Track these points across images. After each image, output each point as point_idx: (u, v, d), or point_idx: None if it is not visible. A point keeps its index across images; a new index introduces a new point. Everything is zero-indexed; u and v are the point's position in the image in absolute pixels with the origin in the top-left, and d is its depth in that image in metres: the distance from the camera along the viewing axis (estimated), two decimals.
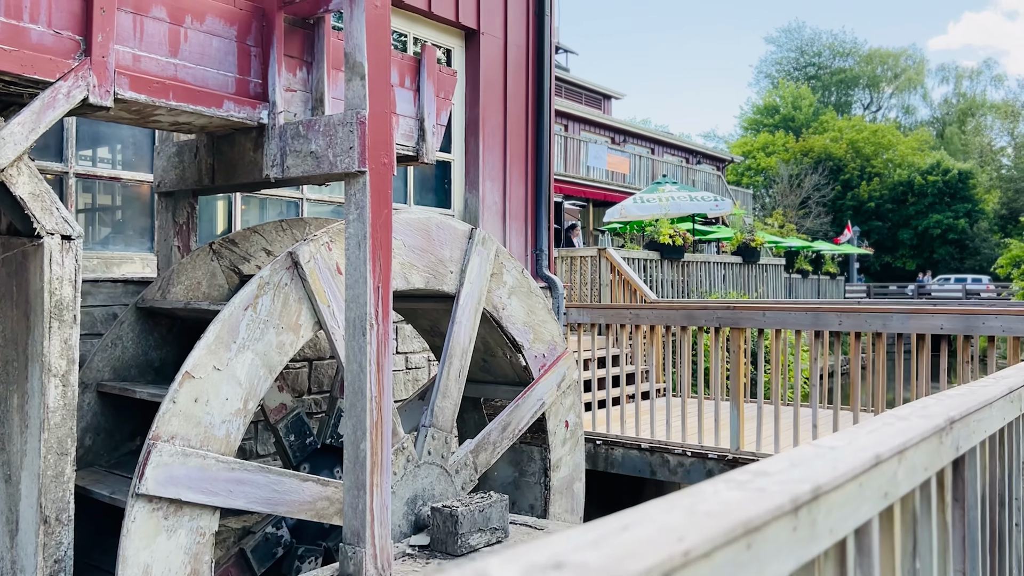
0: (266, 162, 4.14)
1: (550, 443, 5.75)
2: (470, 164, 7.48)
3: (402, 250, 4.65)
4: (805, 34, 72.49)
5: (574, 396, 5.94)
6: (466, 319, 5.02)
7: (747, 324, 7.23)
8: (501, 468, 6.01)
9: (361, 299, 3.85)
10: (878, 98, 72.57)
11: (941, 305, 7.51)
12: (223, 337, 3.80)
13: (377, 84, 3.88)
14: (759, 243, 15.03)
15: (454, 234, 5.00)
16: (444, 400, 4.89)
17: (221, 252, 4.76)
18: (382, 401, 3.92)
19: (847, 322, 6.69)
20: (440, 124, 5.13)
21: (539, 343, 5.63)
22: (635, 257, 12.47)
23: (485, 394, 5.95)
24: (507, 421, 5.33)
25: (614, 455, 7.98)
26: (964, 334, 6.16)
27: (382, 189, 3.90)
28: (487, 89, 7.53)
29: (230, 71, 4.02)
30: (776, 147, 57.36)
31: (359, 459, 3.88)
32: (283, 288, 4.04)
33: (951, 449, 2.31)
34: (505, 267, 5.38)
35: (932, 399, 2.58)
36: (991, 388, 2.91)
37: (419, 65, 4.95)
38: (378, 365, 3.90)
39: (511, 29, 7.77)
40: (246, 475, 3.88)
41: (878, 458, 1.74)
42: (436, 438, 4.83)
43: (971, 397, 2.64)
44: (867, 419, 2.62)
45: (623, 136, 32.93)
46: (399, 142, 4.85)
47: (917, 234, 51.92)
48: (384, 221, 3.91)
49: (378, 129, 3.88)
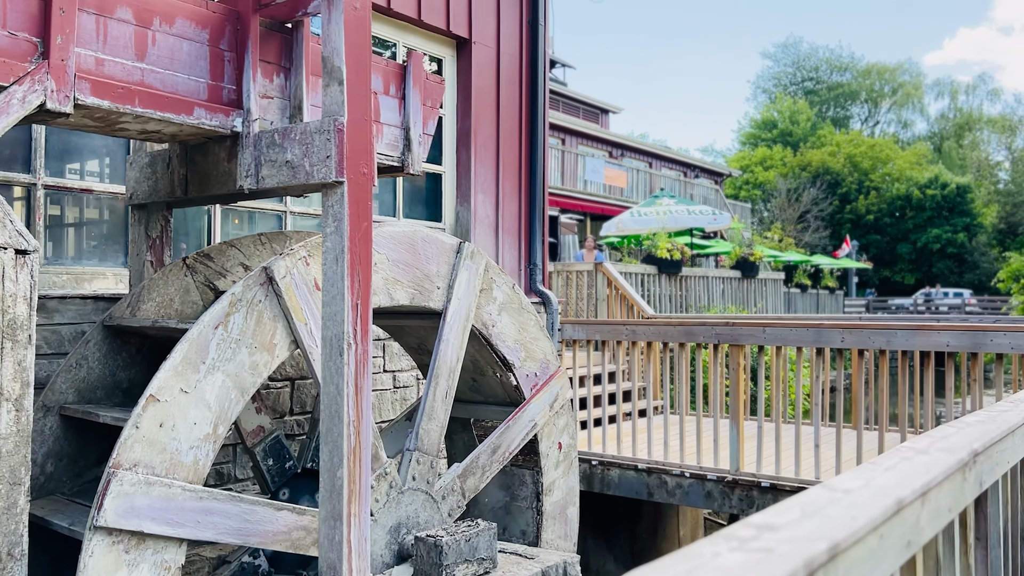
0: (240, 172, 3.93)
1: (542, 466, 5.51)
2: (462, 176, 7.28)
3: (385, 265, 4.44)
4: (802, 49, 72.64)
5: (567, 416, 5.71)
6: (454, 337, 4.80)
7: (747, 341, 7.01)
8: (492, 492, 5.77)
9: (338, 317, 3.64)
10: (876, 113, 72.65)
11: (945, 322, 7.29)
12: (191, 358, 3.58)
13: (356, 90, 3.67)
14: (758, 257, 14.83)
15: (441, 248, 4.79)
16: (430, 422, 4.66)
17: (195, 267, 4.54)
18: (360, 425, 3.70)
19: (850, 339, 6.48)
20: (427, 134, 4.93)
21: (531, 361, 5.41)
22: (632, 272, 12.27)
23: (475, 415, 5.72)
24: (497, 443, 5.10)
25: (610, 476, 7.74)
26: (971, 351, 5.94)
27: (361, 200, 3.69)
28: (479, 100, 7.34)
29: (202, 76, 3.82)
30: (774, 161, 57.33)
31: (336, 487, 3.65)
32: (257, 305, 3.82)
33: (975, 485, 2.09)
34: (495, 282, 5.16)
35: (951, 427, 2.37)
36: (1011, 413, 2.69)
37: (405, 72, 4.75)
38: (356, 387, 3.68)
39: (504, 39, 7.59)
40: (215, 504, 3.64)
41: (900, 503, 1.52)
42: (421, 462, 4.60)
43: (992, 425, 2.42)
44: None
45: (621, 150, 32.80)
46: (383, 152, 4.64)
47: (916, 248, 51.78)
48: (364, 234, 3.70)
49: (357, 137, 3.68)
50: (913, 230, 52.02)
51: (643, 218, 14.79)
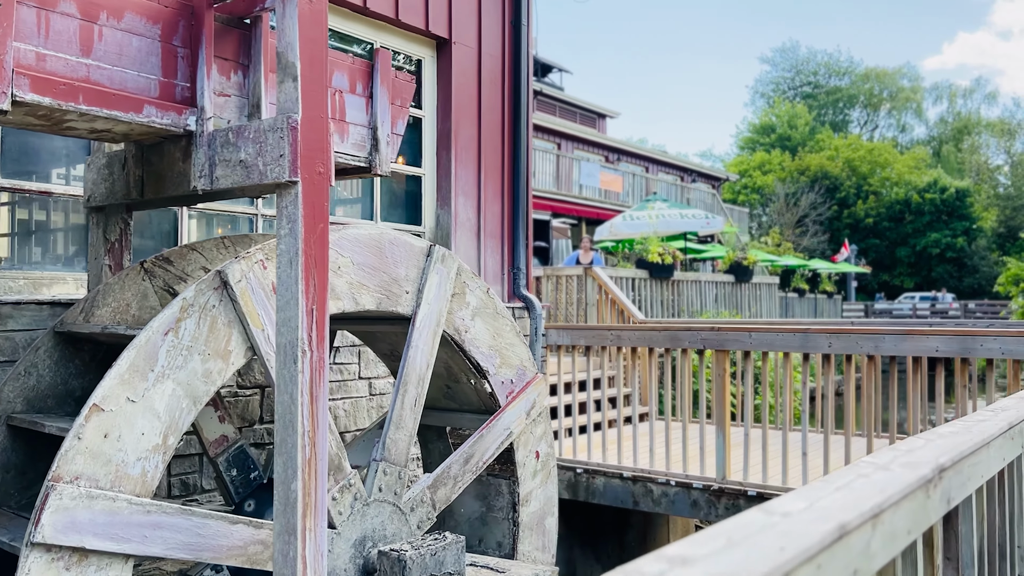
0: (194, 172, 3.79)
1: (519, 475, 5.36)
2: (442, 179, 7.14)
3: (350, 268, 4.29)
4: (800, 54, 72.61)
5: (545, 424, 5.56)
6: (423, 343, 4.65)
7: (732, 346, 6.86)
8: (467, 503, 5.61)
9: (293, 322, 3.49)
10: (874, 117, 72.54)
11: (936, 327, 7.14)
12: (139, 365, 3.43)
13: (311, 86, 3.53)
14: (751, 261, 14.67)
15: (410, 251, 4.64)
16: (398, 432, 4.51)
17: (154, 271, 4.40)
18: (316, 436, 3.54)
19: (837, 344, 6.32)
20: (396, 133, 4.79)
21: (506, 368, 5.25)
22: (623, 276, 12.12)
23: (450, 423, 5.57)
24: (470, 453, 4.95)
25: (595, 484, 7.59)
26: (961, 356, 5.79)
27: (317, 201, 3.55)
28: (460, 101, 7.20)
29: (153, 73, 3.68)
30: (772, 166, 57.22)
31: (290, 501, 3.50)
32: (210, 311, 3.67)
33: (941, 503, 1.94)
34: (468, 287, 5.01)
35: (920, 439, 2.22)
36: (989, 423, 2.54)
37: (372, 70, 4.61)
38: (311, 396, 3.53)
39: (486, 39, 7.45)
40: (164, 518, 3.49)
41: (844, 529, 1.37)
42: (388, 473, 4.44)
43: (966, 436, 2.27)
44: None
45: (617, 155, 32.67)
46: (350, 152, 4.50)
47: (915, 252, 51.64)
48: (319, 237, 3.56)
49: (312, 135, 3.53)
50: (912, 234, 51.88)
51: (635, 222, 14.64)
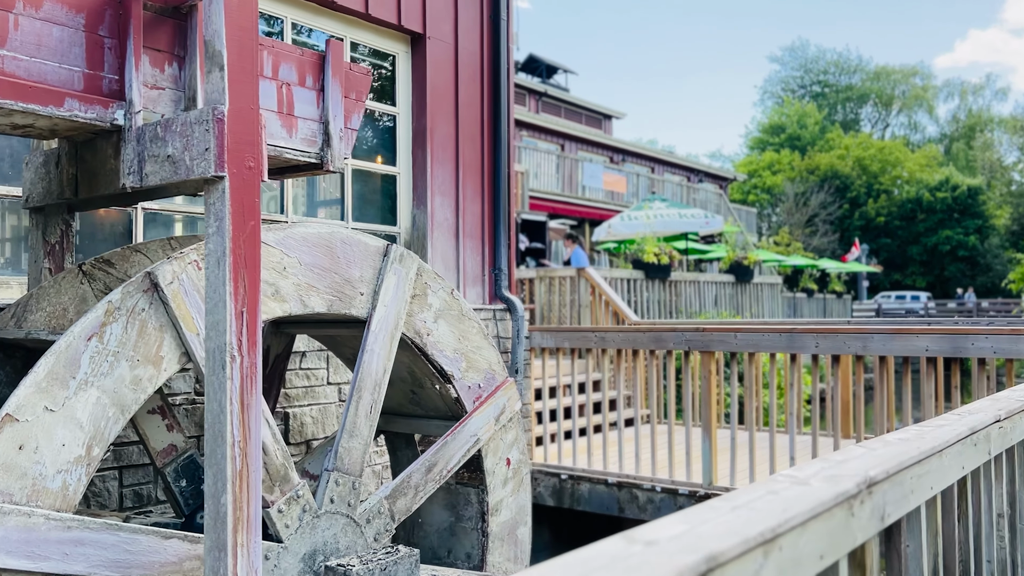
0: (123, 169, 3.60)
1: (488, 484, 5.15)
2: (417, 178, 6.94)
3: (297, 269, 4.10)
4: (809, 53, 72.08)
5: (516, 430, 5.34)
6: (379, 347, 4.45)
7: (717, 347, 6.63)
8: (436, 512, 5.41)
9: (221, 326, 3.29)
10: (886, 116, 71.94)
11: (926, 325, 6.89)
12: (58, 372, 3.24)
13: (240, 75, 3.34)
14: (752, 261, 14.40)
15: (365, 251, 4.45)
16: (351, 440, 4.31)
17: (93, 274, 4.21)
18: (248, 447, 3.35)
19: (824, 344, 6.09)
20: (351, 128, 4.59)
21: (473, 372, 5.05)
22: (618, 277, 11.89)
23: (417, 429, 5.37)
24: (432, 461, 4.74)
25: (581, 491, 7.37)
26: (950, 356, 5.54)
27: (246, 198, 3.35)
28: (436, 98, 7.00)
29: (76, 65, 3.50)
30: (782, 165, 56.83)
31: (219, 515, 3.30)
32: (139, 314, 3.48)
33: (872, 520, 1.71)
34: (430, 288, 4.81)
35: (861, 448, 2.00)
36: (946, 429, 2.31)
37: (323, 62, 4.42)
38: (242, 404, 3.33)
39: (463, 34, 7.26)
40: (87, 534, 3.30)
41: (713, 561, 1.15)
42: (341, 484, 4.24)
43: (914, 444, 2.05)
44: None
45: (622, 155, 32.44)
46: (299, 148, 4.31)
47: (927, 251, 51.10)
48: (249, 235, 3.36)
49: (241, 127, 3.34)
50: (924, 233, 51.34)
51: (633, 222, 14.40)
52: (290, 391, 5.74)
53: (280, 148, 4.23)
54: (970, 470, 2.45)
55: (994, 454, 2.66)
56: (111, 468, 4.80)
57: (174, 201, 5.53)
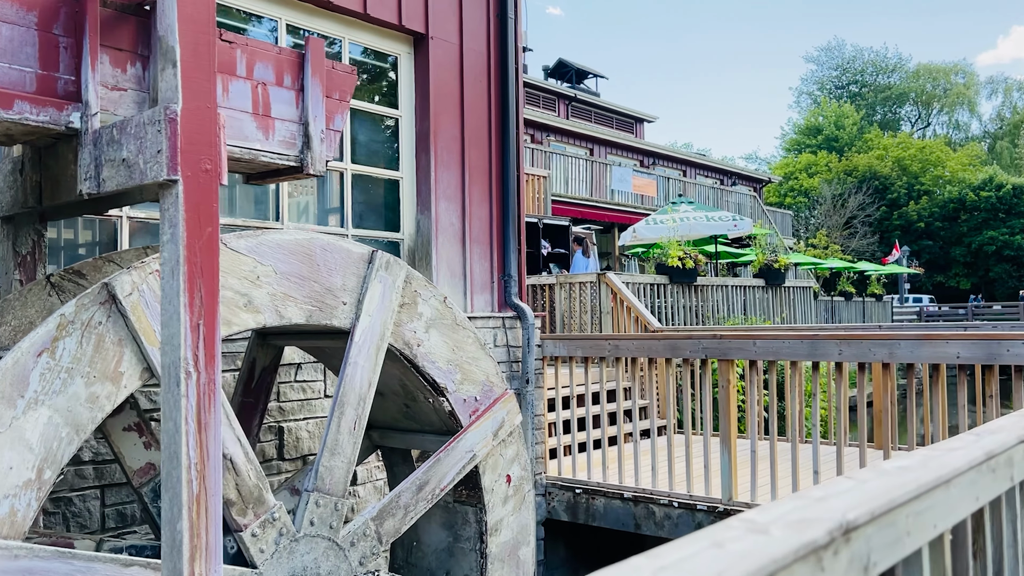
0: (80, 174, 3.42)
1: (486, 502, 4.88)
2: (421, 182, 6.72)
3: (272, 278, 3.88)
4: (846, 52, 70.84)
5: (518, 445, 5.07)
6: (363, 359, 4.21)
7: (736, 355, 6.30)
8: (434, 532, 5.16)
9: (175, 340, 3.08)
10: (927, 115, 70.41)
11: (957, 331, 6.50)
12: (5, 391, 3.05)
13: (195, 72, 3.13)
14: (783, 264, 13.96)
15: (347, 258, 4.22)
16: (333, 458, 4.07)
17: (62, 286, 4.04)
18: (206, 469, 3.12)
19: (848, 351, 5.73)
20: (333, 129, 4.37)
21: (469, 384, 4.79)
22: (641, 282, 11.55)
23: (414, 445, 5.13)
24: (424, 480, 4.49)
25: (596, 506, 7.07)
26: (984, 363, 5.16)
27: (203, 202, 3.14)
28: (440, 100, 6.77)
29: (28, 65, 3.31)
30: (819, 167, 55.86)
31: (175, 544, 3.08)
32: (95, 328, 3.28)
33: (852, 570, 1.43)
34: (420, 296, 4.57)
35: (849, 481, 1.70)
36: (957, 454, 2.00)
37: (303, 61, 4.21)
38: (199, 423, 3.11)
39: (468, 33, 7.02)
40: (37, 563, 3.10)
41: None
42: (322, 505, 4.01)
43: (912, 475, 1.75)
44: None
45: (652, 159, 32.03)
46: (276, 150, 4.09)
47: (971, 252, 49.76)
48: (207, 243, 3.14)
49: (196, 128, 3.13)
50: (967, 233, 50.02)
51: (659, 226, 14.05)
52: (285, 405, 5.54)
53: (256, 151, 4.02)
54: (987, 500, 2.14)
55: (1020, 479, 2.34)
56: (92, 487, 4.62)
57: None
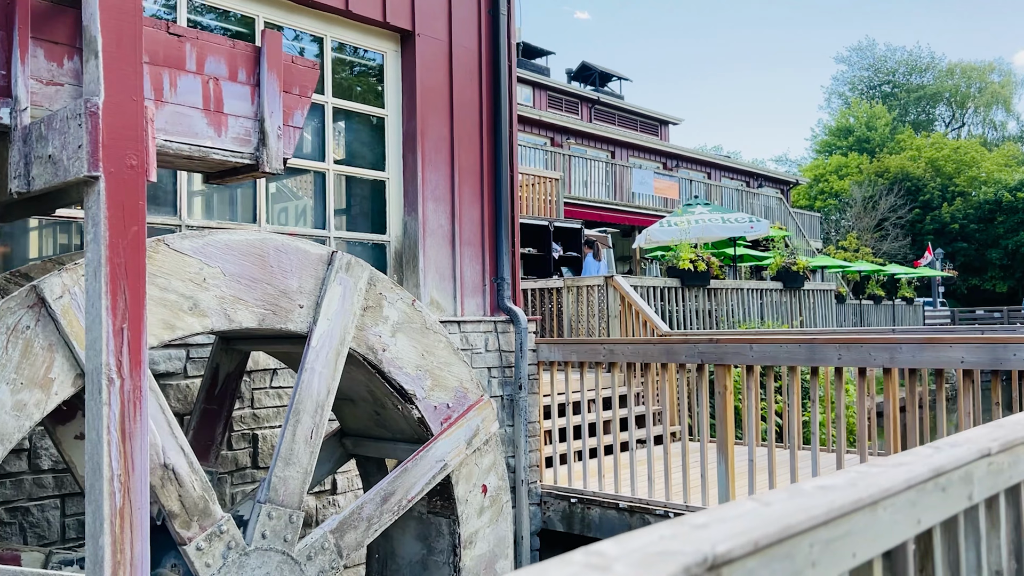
0: (9, 172, 3.28)
1: (459, 514, 4.68)
2: (408, 183, 6.55)
3: (221, 280, 3.72)
4: (877, 51, 69.75)
5: (494, 454, 4.87)
6: (321, 365, 4.04)
7: (732, 360, 6.05)
8: (409, 544, 4.97)
9: (97, 345, 2.92)
10: (962, 115, 69.07)
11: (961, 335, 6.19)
12: None
13: (118, 63, 2.98)
14: (802, 267, 13.61)
15: (304, 259, 4.05)
16: (287, 468, 3.90)
17: (8, 288, 3.92)
18: (130, 481, 2.96)
19: (847, 356, 5.46)
20: (293, 126, 4.21)
21: (440, 391, 4.60)
22: (650, 285, 11.29)
23: (385, 453, 4.94)
24: (389, 491, 4.30)
25: (591, 516, 6.84)
26: (989, 368, 4.87)
27: (128, 200, 2.98)
28: (428, 98, 6.60)
29: None
30: (850, 169, 54.98)
31: (97, 560, 2.92)
32: (22, 333, 3.14)
33: None
34: (386, 299, 4.39)
35: (749, 503, 1.49)
36: (899, 471, 1.78)
37: (258, 55, 4.05)
38: (123, 433, 2.95)
39: (458, 30, 6.85)
40: None
41: None
42: (275, 517, 3.84)
43: (828, 498, 1.53)
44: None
45: (676, 161, 31.69)
46: (229, 148, 3.94)
47: (1007, 253, 48.62)
48: (132, 242, 2.99)
49: (120, 121, 2.98)
50: (1004, 235, 48.89)
51: (672, 228, 13.78)
52: (260, 411, 5.39)
53: (207, 148, 3.87)
54: (937, 521, 1.90)
55: (981, 498, 2.10)
56: (51, 496, 4.50)
57: None
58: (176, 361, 4.96)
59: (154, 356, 4.88)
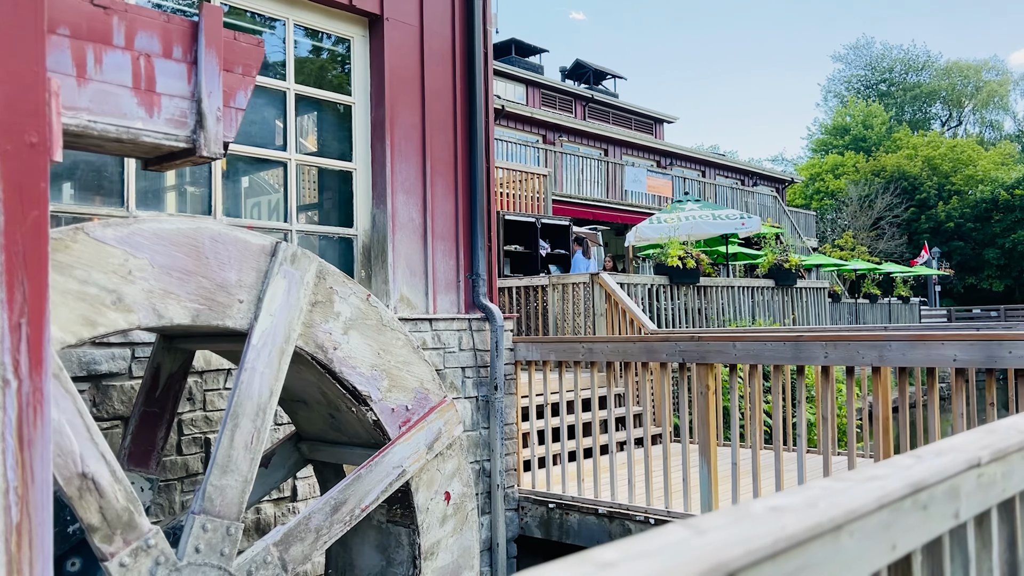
0: None
1: (420, 523, 4.39)
2: (377, 174, 6.25)
3: (149, 272, 3.43)
4: (875, 50, 69.51)
5: (459, 459, 4.58)
6: (263, 365, 3.74)
7: (715, 359, 5.76)
8: (368, 555, 4.68)
9: None
10: (959, 114, 68.86)
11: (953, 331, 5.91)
12: None
13: (14, 30, 2.69)
14: (794, 264, 13.34)
15: (244, 250, 3.76)
16: (225, 477, 3.60)
17: None
18: (29, 494, 2.67)
19: (834, 354, 5.18)
20: (235, 107, 3.92)
21: (398, 392, 4.31)
22: (638, 283, 11.00)
23: (341, 459, 4.65)
24: (340, 499, 4.01)
25: (569, 522, 6.55)
26: (983, 367, 4.59)
27: (27, 181, 2.69)
28: (397, 85, 6.31)
29: None
30: (846, 168, 54.74)
31: None
32: None
33: None
34: (337, 293, 4.09)
35: (679, 530, 1.20)
36: (870, 487, 1.50)
37: (195, 30, 3.76)
38: (20, 440, 2.65)
39: (430, 16, 6.56)
40: None
41: None
42: (210, 529, 3.54)
43: (772, 526, 1.24)
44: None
45: (670, 159, 31.43)
46: (162, 129, 3.65)
47: (1004, 252, 48.38)
48: (31, 228, 2.69)
49: (17, 95, 2.68)
50: (1000, 234, 48.65)
51: (662, 225, 13.49)
52: (212, 414, 5.09)
53: (137, 130, 3.57)
54: (918, 545, 1.61)
55: (970, 515, 1.81)
56: None
57: (61, 200, 4.93)
58: (120, 361, 4.67)
59: (96, 355, 4.59)
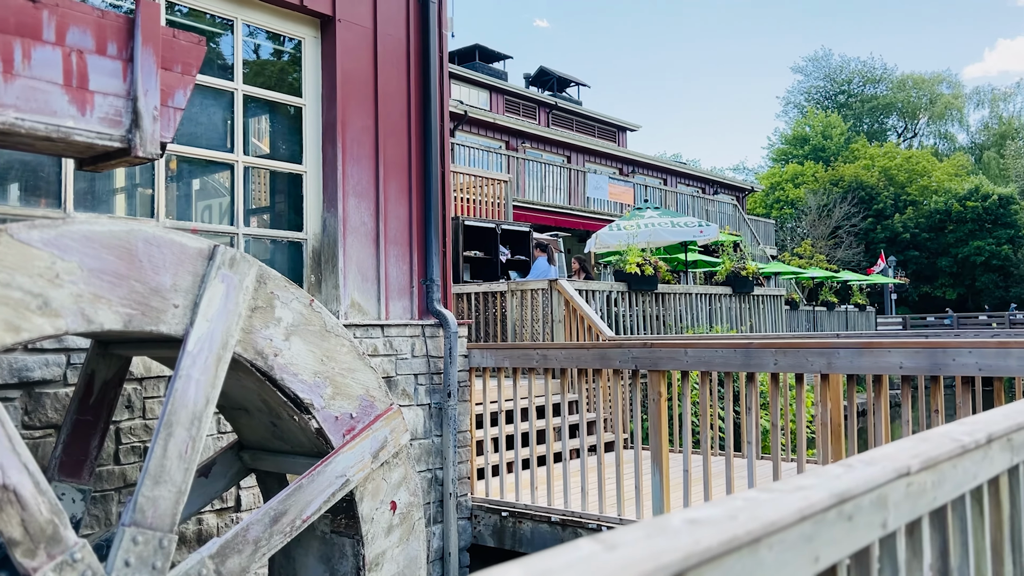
0: None
1: (364, 533, 4.30)
2: (328, 177, 6.15)
3: (78, 276, 3.31)
4: (833, 62, 70.68)
5: (405, 467, 4.50)
6: (199, 372, 3.63)
7: (666, 365, 5.74)
8: (311, 566, 4.57)
9: None
10: (914, 125, 70.24)
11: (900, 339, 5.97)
12: None
13: None
14: (751, 272, 13.44)
15: (180, 254, 3.65)
16: (157, 487, 3.49)
17: None
18: None
19: (784, 361, 5.18)
20: (173, 107, 3.82)
21: (342, 399, 4.22)
22: (596, 289, 10.99)
23: (284, 468, 4.54)
24: (280, 510, 3.91)
25: (522, 530, 6.49)
26: (930, 374, 4.62)
27: None
28: (350, 87, 6.22)
29: None
30: (806, 178, 55.51)
31: None
32: None
33: None
34: (278, 298, 4.00)
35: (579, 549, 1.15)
36: (793, 497, 1.45)
37: (132, 26, 3.66)
38: None
39: (384, 17, 6.48)
40: None
41: None
42: (142, 542, 3.42)
43: (687, 540, 1.19)
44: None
45: (632, 167, 31.60)
46: (95, 128, 3.54)
47: (957, 262, 49.41)
48: None
49: None
50: (954, 244, 49.69)
51: (621, 232, 13.52)
52: (152, 423, 4.95)
53: (68, 129, 3.46)
54: (844, 555, 1.58)
55: (897, 524, 1.78)
56: None
57: (8, 201, 4.77)
58: (54, 368, 4.52)
59: (28, 362, 4.43)
